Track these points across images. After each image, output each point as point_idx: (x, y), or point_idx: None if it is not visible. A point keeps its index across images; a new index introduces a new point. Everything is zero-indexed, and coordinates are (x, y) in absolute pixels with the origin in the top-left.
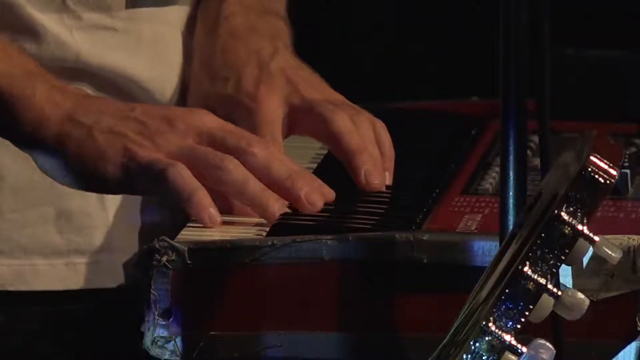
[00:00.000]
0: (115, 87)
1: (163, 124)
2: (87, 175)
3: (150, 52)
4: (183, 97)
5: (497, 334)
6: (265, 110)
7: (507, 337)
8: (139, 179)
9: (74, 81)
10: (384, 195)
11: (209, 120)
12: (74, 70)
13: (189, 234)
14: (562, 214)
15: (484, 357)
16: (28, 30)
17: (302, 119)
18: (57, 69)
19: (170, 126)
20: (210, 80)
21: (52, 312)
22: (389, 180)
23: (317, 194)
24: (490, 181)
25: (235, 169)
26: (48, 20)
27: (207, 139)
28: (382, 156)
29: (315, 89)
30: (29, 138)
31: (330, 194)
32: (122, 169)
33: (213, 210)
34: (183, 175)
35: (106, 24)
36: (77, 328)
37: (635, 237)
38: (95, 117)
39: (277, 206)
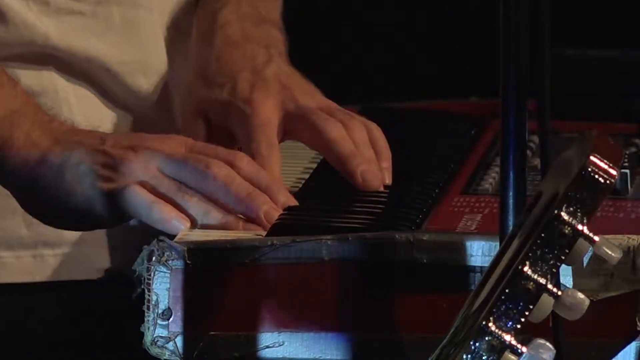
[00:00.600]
0: (85, 71)
1: (128, 153)
2: (63, 214)
3: (120, 36)
4: (164, 82)
5: (497, 334)
6: (260, 114)
7: (507, 337)
8: (107, 210)
9: (44, 65)
10: (384, 195)
11: (175, 145)
12: (44, 55)
13: (188, 234)
14: (562, 214)
15: (484, 357)
16: None
17: (296, 126)
18: (27, 53)
19: (135, 154)
20: (205, 87)
21: (27, 302)
22: (388, 180)
23: (276, 213)
24: (490, 181)
25: (195, 205)
26: (14, 4)
27: (169, 166)
28: (378, 156)
29: (309, 95)
30: (8, 179)
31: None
32: (91, 204)
33: (175, 220)
34: (138, 193)
35: (73, 8)
36: (54, 320)
37: (635, 237)
38: (66, 155)
39: (240, 228)
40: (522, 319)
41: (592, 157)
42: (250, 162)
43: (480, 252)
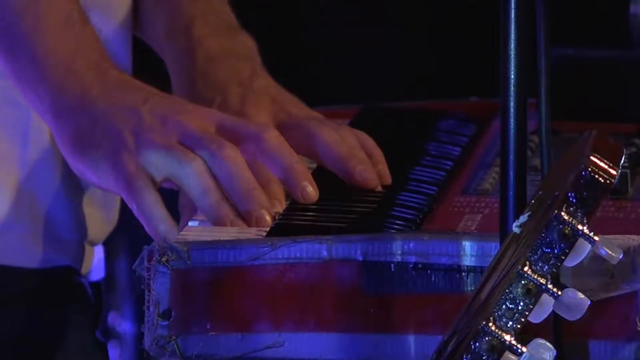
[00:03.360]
0: None
1: (157, 121)
2: (86, 163)
3: None
4: None
5: (497, 334)
6: None
7: (507, 337)
8: (113, 181)
9: None
10: (384, 195)
11: (205, 122)
12: None
13: (188, 234)
14: (562, 214)
15: (484, 357)
16: None
17: (290, 135)
18: None
19: (162, 124)
20: (193, 102)
21: None
22: (387, 180)
23: (269, 217)
24: (490, 181)
25: (198, 175)
26: None
27: (188, 140)
28: (371, 158)
29: (298, 107)
30: (50, 115)
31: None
32: (108, 164)
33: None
34: (154, 205)
35: None
36: None
37: (635, 237)
38: (104, 109)
39: (228, 222)
40: (522, 319)
41: (592, 157)
42: (278, 136)
43: (480, 252)
